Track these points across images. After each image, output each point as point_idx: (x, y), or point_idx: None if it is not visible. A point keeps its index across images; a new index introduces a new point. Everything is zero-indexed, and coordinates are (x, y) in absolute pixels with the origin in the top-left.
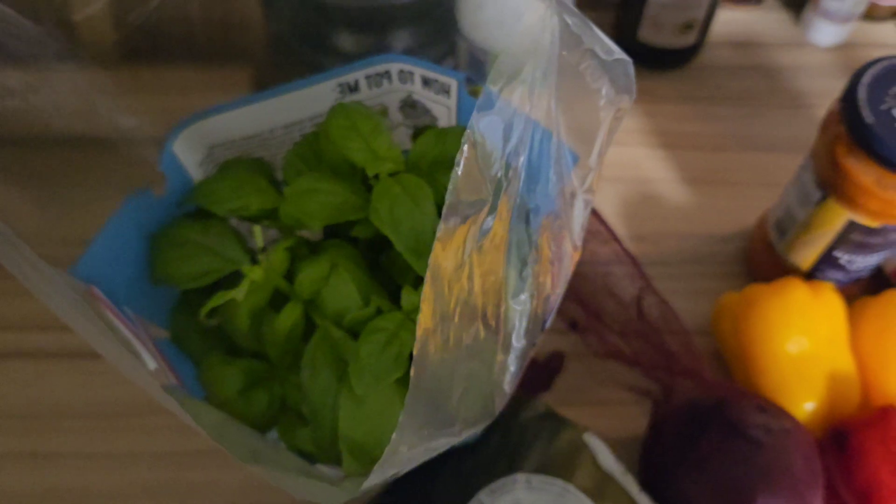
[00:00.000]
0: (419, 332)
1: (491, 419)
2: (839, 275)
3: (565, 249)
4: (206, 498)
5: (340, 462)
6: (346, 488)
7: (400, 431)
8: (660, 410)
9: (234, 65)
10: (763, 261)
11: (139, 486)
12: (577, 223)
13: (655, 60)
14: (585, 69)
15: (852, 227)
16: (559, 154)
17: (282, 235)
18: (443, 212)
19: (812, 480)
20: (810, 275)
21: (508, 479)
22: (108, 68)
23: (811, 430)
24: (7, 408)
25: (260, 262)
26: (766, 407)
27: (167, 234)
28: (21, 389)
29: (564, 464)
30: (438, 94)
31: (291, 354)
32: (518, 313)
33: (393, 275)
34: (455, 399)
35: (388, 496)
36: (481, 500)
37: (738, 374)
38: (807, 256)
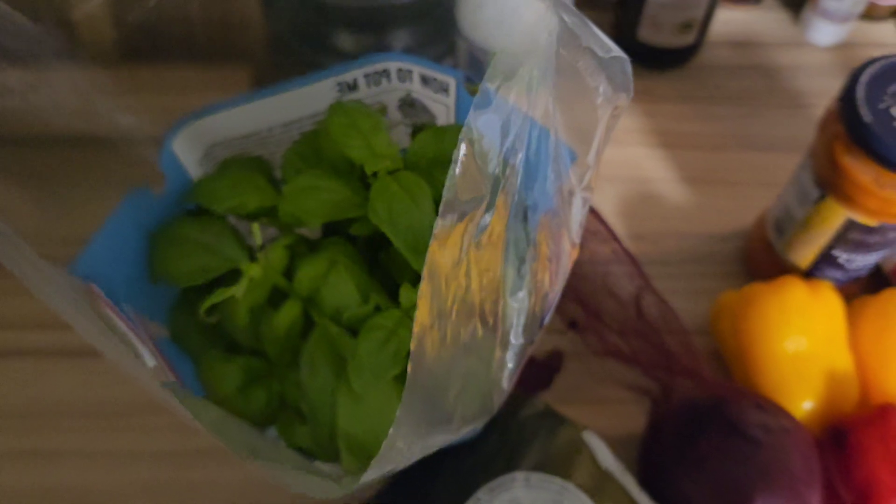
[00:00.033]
0: (416, 329)
1: (490, 416)
2: (838, 274)
3: (563, 247)
4: (206, 497)
5: (339, 459)
6: (345, 484)
7: (397, 427)
8: (659, 409)
9: (233, 64)
10: (762, 260)
11: (139, 486)
12: (575, 221)
13: (654, 60)
14: (583, 67)
15: (851, 225)
16: (557, 152)
17: (281, 233)
18: (440, 209)
19: (811, 479)
20: (809, 274)
21: (507, 478)
22: (108, 67)
23: (810, 429)
24: (7, 407)
25: (259, 259)
26: (764, 406)
27: (166, 233)
28: (21, 388)
29: (563, 462)
30: (437, 92)
31: (290, 352)
32: (516, 310)
33: (392, 272)
34: (452, 396)
35: (387, 494)
36: (480, 498)
37: (737, 373)
38: (806, 255)
